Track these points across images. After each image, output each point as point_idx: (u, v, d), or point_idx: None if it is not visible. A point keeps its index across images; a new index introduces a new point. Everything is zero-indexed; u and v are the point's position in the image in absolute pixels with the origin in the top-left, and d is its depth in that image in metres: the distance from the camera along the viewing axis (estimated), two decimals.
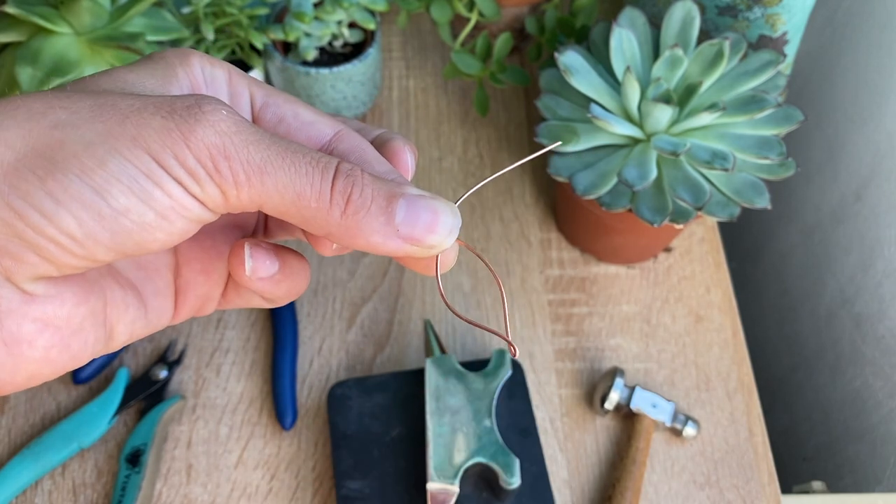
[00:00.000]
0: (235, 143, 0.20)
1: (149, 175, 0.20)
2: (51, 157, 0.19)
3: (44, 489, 0.48)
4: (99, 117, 0.20)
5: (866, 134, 0.68)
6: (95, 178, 0.19)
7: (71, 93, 0.20)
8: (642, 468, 0.49)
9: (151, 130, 0.20)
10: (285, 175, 0.21)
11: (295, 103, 0.25)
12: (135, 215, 0.20)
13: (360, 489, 0.45)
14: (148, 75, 0.23)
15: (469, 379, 0.47)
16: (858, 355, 0.72)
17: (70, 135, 0.19)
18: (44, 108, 0.20)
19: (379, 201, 0.22)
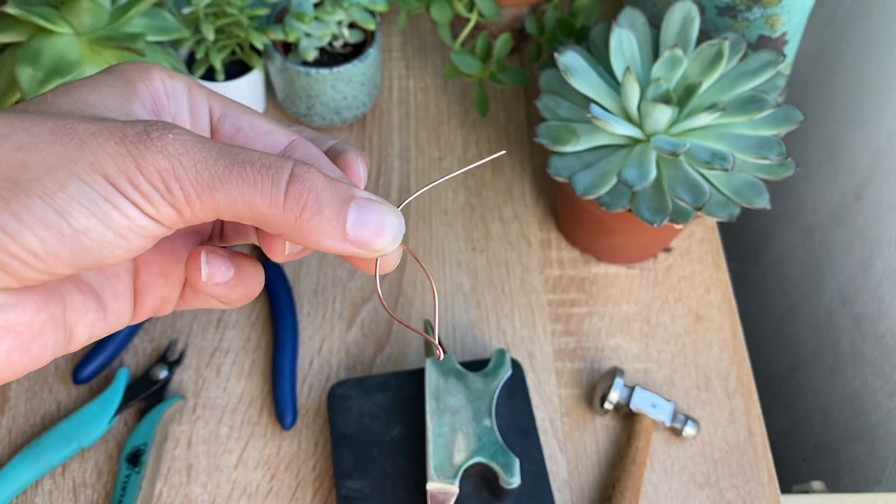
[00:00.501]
0: (184, 164, 0.21)
1: (106, 198, 0.21)
2: (14, 179, 0.20)
3: (44, 489, 0.49)
4: (59, 141, 0.21)
5: (866, 134, 0.68)
6: (56, 200, 0.20)
7: (32, 115, 0.21)
8: (642, 468, 0.49)
9: (107, 155, 0.21)
10: (234, 188, 0.21)
11: (251, 114, 0.26)
12: (94, 234, 0.21)
13: (360, 489, 0.45)
14: (108, 94, 0.23)
15: (469, 379, 0.47)
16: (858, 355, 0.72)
17: (32, 157, 0.20)
18: (6, 130, 0.21)
19: (332, 206, 0.23)
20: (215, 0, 0.53)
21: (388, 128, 0.65)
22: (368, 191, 0.24)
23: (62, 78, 0.45)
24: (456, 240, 0.59)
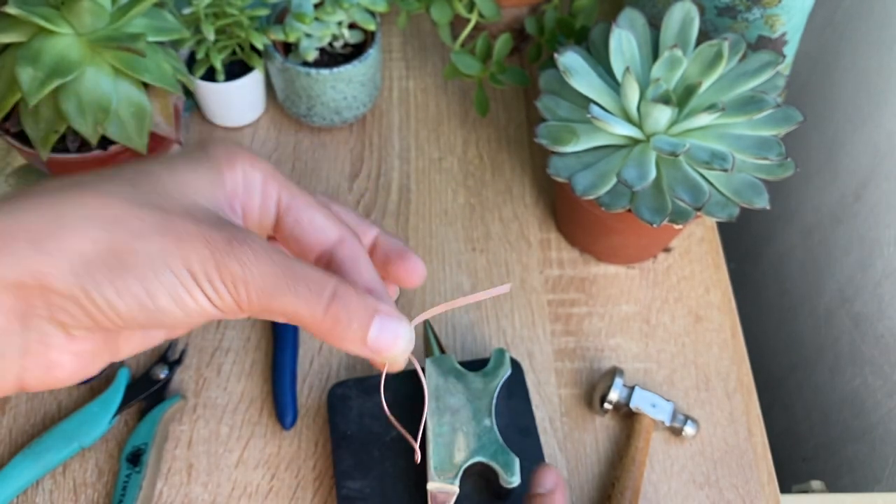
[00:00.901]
0: (253, 274, 0.26)
1: (188, 289, 0.26)
2: (123, 260, 0.25)
3: (45, 488, 0.49)
4: (163, 235, 0.26)
5: (865, 134, 0.69)
6: (150, 285, 0.26)
7: (143, 204, 0.26)
8: (642, 467, 0.49)
9: (196, 255, 0.26)
10: (286, 299, 0.27)
11: (311, 209, 0.31)
12: (169, 313, 0.26)
13: (361, 489, 0.45)
14: (202, 179, 0.29)
15: (468, 378, 0.47)
16: (857, 355, 0.72)
17: (141, 245, 0.26)
18: (123, 215, 0.26)
19: (360, 320, 0.28)
20: (216, 0, 0.54)
21: (388, 128, 0.65)
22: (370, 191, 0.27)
23: (63, 78, 0.45)
24: (456, 240, 0.60)
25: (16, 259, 0.25)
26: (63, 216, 0.25)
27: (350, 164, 0.63)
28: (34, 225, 0.25)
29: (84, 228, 0.25)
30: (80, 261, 0.25)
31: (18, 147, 0.50)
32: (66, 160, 0.50)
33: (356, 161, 0.63)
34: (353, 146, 0.64)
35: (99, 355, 0.28)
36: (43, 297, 0.25)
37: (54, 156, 0.49)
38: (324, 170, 0.62)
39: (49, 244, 0.25)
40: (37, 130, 0.48)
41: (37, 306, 0.25)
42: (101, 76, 0.47)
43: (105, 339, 0.28)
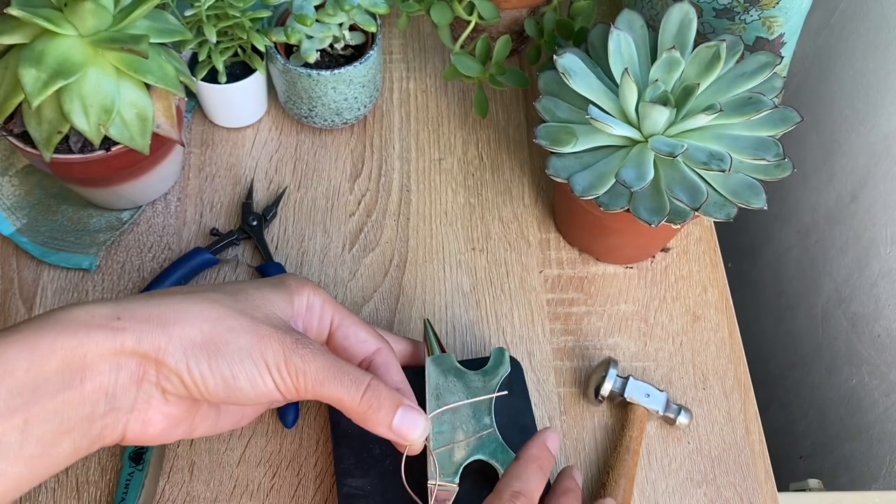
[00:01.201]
0: (311, 368, 0.36)
1: (261, 375, 0.35)
2: (219, 347, 0.35)
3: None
4: (249, 333, 0.35)
5: (862, 135, 0.69)
6: (234, 368, 0.35)
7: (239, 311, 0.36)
8: (636, 456, 0.50)
9: (271, 351, 0.36)
10: (333, 388, 0.37)
11: (356, 325, 0.42)
12: (243, 391, 0.35)
13: (362, 487, 0.46)
14: (280, 301, 0.39)
15: (468, 377, 0.47)
16: (854, 354, 0.73)
17: (234, 338, 0.35)
18: (224, 317, 0.35)
19: (387, 409, 0.38)
20: (218, 2, 0.54)
21: (388, 129, 0.65)
22: (371, 191, 0.48)
23: (66, 79, 0.45)
24: (456, 240, 0.60)
25: (146, 336, 0.33)
26: (184, 311, 0.35)
27: (351, 165, 0.63)
28: (163, 315, 0.34)
29: (196, 322, 0.35)
30: (190, 344, 0.34)
31: (22, 148, 0.50)
32: (69, 161, 0.50)
33: (357, 162, 0.63)
34: (354, 147, 0.64)
35: (180, 424, 0.37)
36: (157, 366, 0.34)
37: (57, 156, 0.49)
38: (325, 170, 0.63)
39: (172, 329, 0.34)
40: (40, 131, 0.48)
41: (150, 373, 0.34)
42: (104, 77, 0.48)
43: (188, 410, 0.37)
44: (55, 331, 0.32)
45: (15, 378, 0.31)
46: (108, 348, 0.33)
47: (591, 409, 0.53)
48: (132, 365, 0.33)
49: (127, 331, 0.33)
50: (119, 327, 0.33)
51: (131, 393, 0.34)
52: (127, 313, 0.34)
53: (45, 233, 0.58)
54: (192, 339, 0.34)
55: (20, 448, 0.31)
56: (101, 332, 0.33)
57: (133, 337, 0.33)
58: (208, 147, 0.63)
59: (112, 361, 0.33)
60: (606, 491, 0.49)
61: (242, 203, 0.60)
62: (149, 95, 0.50)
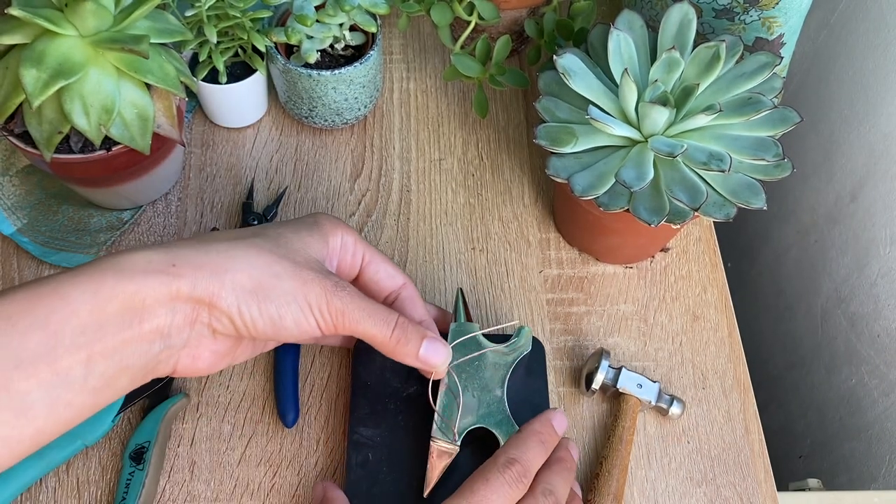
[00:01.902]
0: (349, 308, 0.40)
1: (305, 316, 0.39)
2: (266, 292, 0.38)
3: (48, 487, 0.49)
4: (293, 278, 0.39)
5: (861, 135, 0.69)
6: (281, 311, 0.38)
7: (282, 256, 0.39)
8: (629, 446, 0.50)
9: (314, 294, 0.39)
10: (368, 326, 0.41)
11: (384, 263, 0.46)
12: (288, 330, 0.39)
13: (371, 437, 0.47)
14: (316, 242, 0.42)
15: (488, 349, 0.48)
16: (854, 354, 0.73)
17: (279, 284, 0.38)
18: (270, 263, 0.38)
19: (414, 341, 0.42)
20: (218, 3, 0.54)
21: (388, 129, 0.65)
22: (371, 191, 0.49)
23: (66, 79, 0.45)
24: (456, 239, 0.60)
25: (200, 282, 0.36)
26: (233, 259, 0.38)
27: (351, 165, 0.63)
28: (215, 262, 0.37)
29: (245, 269, 0.38)
30: (240, 289, 0.37)
31: (22, 148, 0.50)
32: (70, 161, 0.50)
33: (357, 162, 0.63)
34: (355, 147, 0.64)
35: (225, 357, 0.40)
36: (209, 310, 0.37)
37: (58, 156, 0.50)
38: (325, 170, 0.63)
39: (223, 276, 0.37)
40: (40, 131, 0.48)
41: (202, 316, 0.37)
42: (105, 77, 0.48)
43: (232, 346, 0.40)
44: (115, 277, 0.35)
45: (80, 318, 0.33)
46: (165, 294, 0.35)
47: (592, 409, 0.54)
48: (187, 309, 0.36)
49: (182, 277, 0.36)
50: (175, 273, 0.36)
51: (185, 333, 0.37)
52: (181, 260, 0.36)
53: (46, 233, 0.58)
54: (242, 284, 0.37)
55: (84, 381, 0.34)
56: (158, 278, 0.35)
57: (188, 283, 0.36)
58: (209, 147, 0.63)
59: (168, 306, 0.36)
60: (600, 481, 0.49)
61: (243, 203, 0.60)
62: (149, 95, 0.50)
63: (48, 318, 0.33)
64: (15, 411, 0.32)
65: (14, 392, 0.32)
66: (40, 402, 0.32)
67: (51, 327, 0.33)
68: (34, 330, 0.32)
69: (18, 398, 0.32)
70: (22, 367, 0.32)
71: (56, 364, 0.33)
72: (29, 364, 0.32)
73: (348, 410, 0.50)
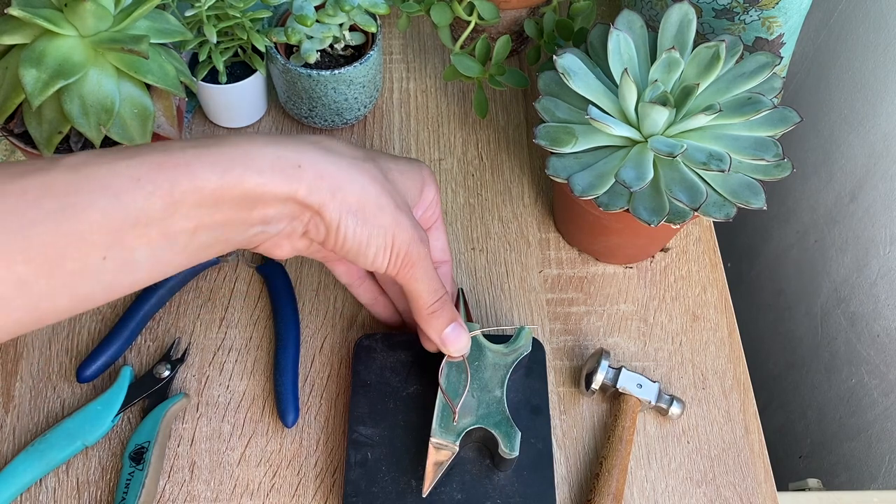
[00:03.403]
0: (419, 262, 0.43)
1: (384, 251, 0.41)
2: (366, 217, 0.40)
3: (48, 487, 0.49)
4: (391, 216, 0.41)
5: (861, 135, 0.69)
6: (370, 237, 0.40)
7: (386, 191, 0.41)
8: (629, 446, 0.50)
9: (401, 239, 0.41)
10: (422, 286, 0.44)
11: (442, 233, 0.50)
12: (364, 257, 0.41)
13: (371, 436, 0.47)
14: (415, 184, 0.45)
15: (487, 349, 0.48)
16: (853, 354, 0.73)
17: (379, 214, 0.40)
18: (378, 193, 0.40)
19: (444, 319, 0.46)
20: (218, 3, 0.54)
21: (388, 129, 0.65)
22: None
23: (66, 80, 0.45)
24: (455, 239, 0.60)
25: (316, 191, 0.38)
26: (350, 179, 0.39)
27: None
28: (334, 175, 0.39)
29: (356, 191, 0.39)
30: (347, 207, 0.39)
31: (22, 148, 0.50)
32: None
33: None
34: None
35: (297, 251, 0.43)
36: (312, 215, 0.39)
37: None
38: None
39: (337, 192, 0.39)
40: (40, 131, 0.48)
41: (304, 217, 0.39)
42: (105, 78, 0.48)
43: (307, 249, 0.43)
44: (243, 168, 0.36)
45: (202, 194, 0.35)
46: (284, 192, 0.37)
47: (591, 409, 0.54)
48: (295, 209, 0.38)
49: (303, 181, 0.38)
50: (298, 176, 0.38)
51: (283, 224, 0.39)
52: (307, 162, 0.38)
53: None
54: (349, 203, 0.39)
55: (185, 246, 0.36)
56: (282, 176, 0.37)
57: (306, 188, 0.38)
58: None
59: (282, 202, 0.38)
60: (600, 481, 0.49)
61: None
62: (149, 95, 0.50)
63: (173, 188, 0.34)
64: (121, 264, 0.34)
65: (126, 247, 0.34)
66: (145, 259, 0.35)
67: (174, 196, 0.34)
68: (158, 196, 0.34)
69: (128, 254, 0.34)
70: (139, 228, 0.34)
71: (167, 229, 0.35)
72: (145, 226, 0.34)
73: (348, 410, 0.50)
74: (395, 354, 0.51)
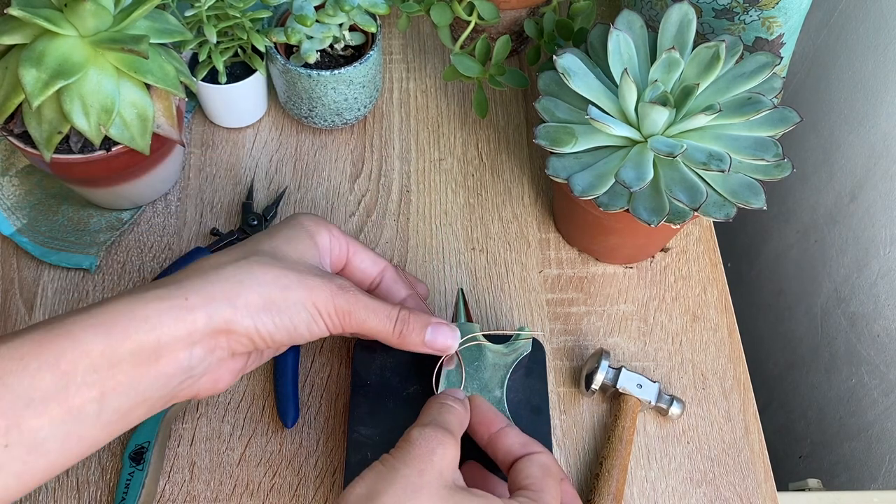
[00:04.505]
0: (354, 308, 0.41)
1: (314, 320, 0.41)
2: (277, 306, 0.39)
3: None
4: (300, 287, 0.40)
5: (861, 135, 0.69)
6: (294, 320, 0.40)
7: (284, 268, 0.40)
8: (629, 446, 0.50)
9: (321, 299, 0.40)
10: (372, 323, 0.42)
11: (364, 252, 0.47)
12: (302, 335, 0.40)
13: (371, 436, 0.47)
14: (306, 247, 0.43)
15: (487, 350, 0.48)
16: (853, 354, 0.73)
17: (288, 295, 0.39)
18: (276, 278, 0.39)
19: (418, 329, 0.44)
20: (218, 3, 0.54)
21: (388, 129, 0.65)
22: (371, 191, 0.50)
23: (66, 80, 0.46)
24: (455, 240, 0.60)
25: (216, 311, 0.37)
26: (241, 282, 0.38)
27: (351, 165, 0.63)
28: (225, 289, 0.38)
29: (255, 288, 0.38)
30: (254, 309, 0.38)
31: (22, 148, 0.50)
32: (70, 161, 0.50)
33: (357, 162, 0.63)
34: (354, 147, 0.64)
35: (241, 371, 0.42)
36: (227, 335, 0.38)
37: (57, 156, 0.50)
38: (325, 171, 0.63)
39: (236, 301, 0.38)
40: (40, 131, 0.48)
41: (221, 342, 0.38)
42: (105, 78, 0.48)
43: (247, 359, 0.42)
44: (127, 316, 0.35)
45: (91, 358, 0.34)
46: (182, 330, 0.36)
47: (591, 409, 0.54)
48: (205, 341, 0.37)
49: (197, 309, 0.36)
50: (189, 307, 0.36)
51: (205, 362, 0.38)
52: (192, 292, 0.37)
53: (46, 233, 0.58)
54: (255, 304, 0.38)
55: (98, 417, 0.34)
56: (172, 313, 0.36)
57: (204, 315, 0.36)
58: (208, 147, 0.63)
59: (187, 341, 0.36)
60: (600, 481, 0.49)
61: (243, 203, 0.60)
62: (149, 96, 0.50)
63: (59, 359, 0.33)
64: (27, 447, 0.32)
65: (26, 430, 0.32)
66: (52, 438, 0.33)
67: (62, 367, 0.33)
68: (45, 370, 0.33)
69: (30, 435, 0.32)
70: (33, 406, 0.32)
71: (68, 402, 0.33)
72: (40, 403, 0.32)
73: (348, 410, 0.50)
74: (395, 354, 0.50)
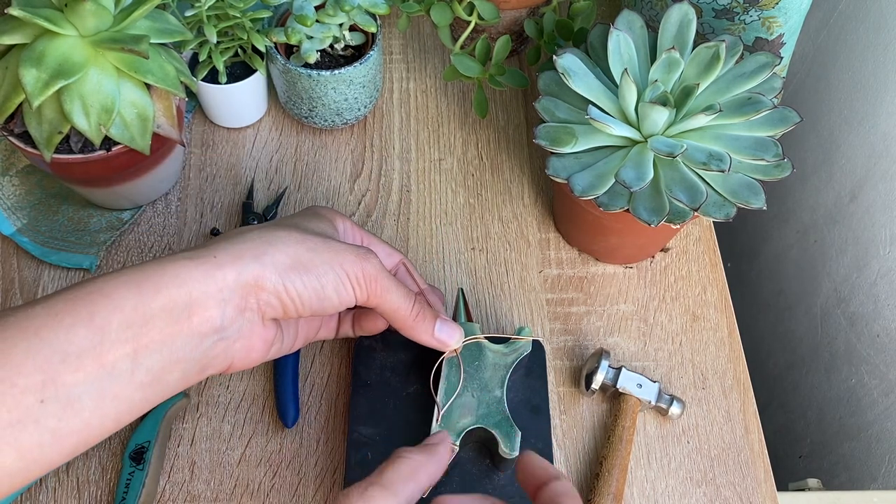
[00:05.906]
0: (380, 275, 0.41)
1: (343, 283, 0.40)
2: (305, 265, 0.39)
3: (48, 486, 0.49)
4: (327, 250, 0.40)
5: (861, 135, 0.69)
6: (322, 280, 0.39)
7: (312, 233, 0.41)
8: (629, 446, 0.50)
9: (349, 262, 0.40)
10: (395, 297, 0.42)
11: (379, 243, 0.48)
12: (330, 299, 0.40)
13: (370, 436, 0.47)
14: (325, 227, 0.44)
15: (488, 349, 0.48)
16: (853, 354, 0.73)
17: (316, 257, 0.39)
18: (304, 240, 0.40)
19: (429, 319, 0.45)
20: (218, 3, 0.54)
21: (388, 129, 0.65)
22: (371, 191, 0.51)
23: (66, 79, 0.46)
24: (455, 239, 0.60)
25: (245, 268, 0.37)
26: (269, 242, 0.39)
27: (351, 165, 0.63)
28: (252, 249, 0.38)
29: (282, 248, 0.39)
30: (282, 267, 0.38)
31: (22, 148, 0.50)
32: (70, 161, 0.50)
33: (357, 162, 0.64)
34: (354, 147, 0.64)
35: (273, 345, 0.41)
36: (257, 292, 0.38)
37: (58, 156, 0.50)
38: (325, 170, 0.63)
39: (264, 258, 0.38)
40: (40, 131, 0.48)
41: (251, 301, 0.38)
42: (105, 77, 0.48)
43: (277, 333, 0.41)
44: (158, 272, 0.35)
45: (123, 313, 0.34)
46: (213, 285, 0.36)
47: (591, 409, 0.54)
48: (236, 297, 0.37)
49: (226, 266, 0.37)
50: (218, 263, 0.37)
51: (238, 322, 0.37)
52: (220, 251, 0.37)
53: (46, 233, 0.58)
54: (283, 262, 0.38)
55: (131, 375, 0.34)
56: (202, 268, 0.36)
57: (233, 271, 0.37)
58: (209, 147, 0.63)
59: (217, 297, 0.36)
60: (600, 481, 0.49)
61: (243, 203, 0.60)
62: (149, 95, 0.50)
63: (93, 315, 0.33)
64: (62, 403, 0.32)
65: (61, 384, 0.32)
66: (87, 394, 0.33)
67: (96, 322, 0.33)
68: (79, 325, 0.33)
69: (65, 391, 0.32)
70: (68, 361, 0.32)
71: (102, 357, 0.33)
72: (75, 358, 0.33)
73: (348, 410, 0.50)
74: (395, 354, 0.51)
